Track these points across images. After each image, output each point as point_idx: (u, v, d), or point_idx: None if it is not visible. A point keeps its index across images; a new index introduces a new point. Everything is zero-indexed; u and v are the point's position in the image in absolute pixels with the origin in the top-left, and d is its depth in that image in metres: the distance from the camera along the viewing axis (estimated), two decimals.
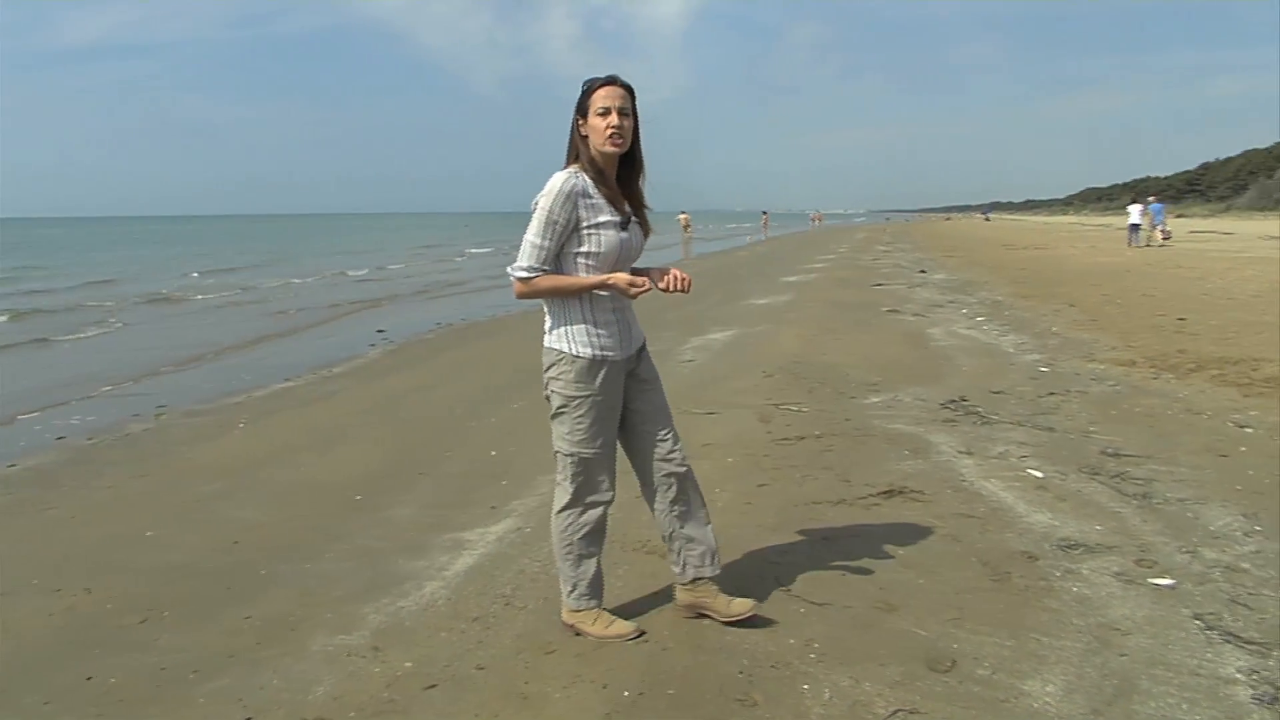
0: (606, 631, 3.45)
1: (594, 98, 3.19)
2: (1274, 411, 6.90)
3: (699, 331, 12.17)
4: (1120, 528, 4.53)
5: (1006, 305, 14.34)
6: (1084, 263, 24.74)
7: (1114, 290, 16.50)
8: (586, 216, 3.22)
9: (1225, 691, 3.05)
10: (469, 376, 9.31)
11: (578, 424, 3.36)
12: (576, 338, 3.32)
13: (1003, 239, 44.61)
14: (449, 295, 20.51)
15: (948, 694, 3.04)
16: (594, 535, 3.49)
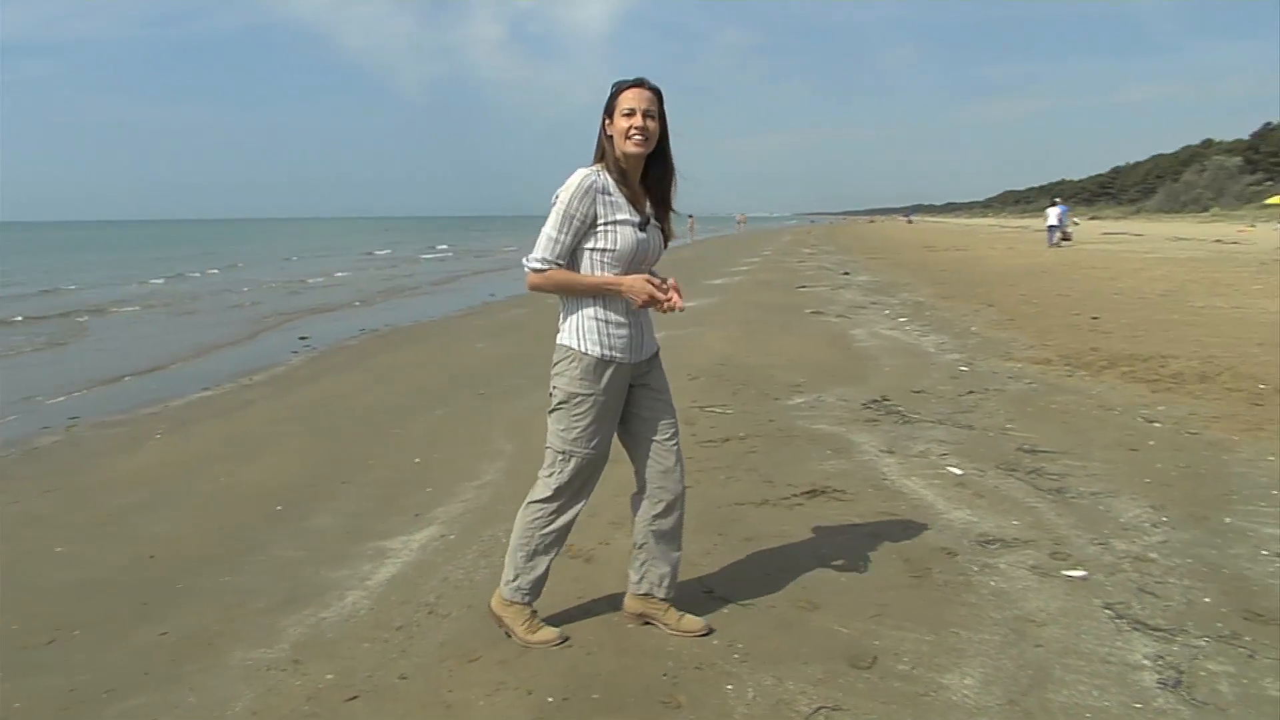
0: (531, 636, 3.43)
1: (620, 99, 3.18)
2: (1180, 406, 7.13)
3: None
4: (1036, 522, 4.65)
5: (928, 306, 14.61)
6: (1002, 264, 25.31)
7: (1031, 290, 16.91)
8: (604, 213, 3.19)
9: (1133, 677, 3.15)
10: (393, 383, 9.20)
11: (575, 421, 3.32)
12: (587, 335, 3.27)
13: (924, 241, 45.43)
14: (374, 301, 20.25)
15: (869, 690, 3.09)
16: (558, 536, 3.46)
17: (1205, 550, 4.25)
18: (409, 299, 20.44)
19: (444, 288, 24.10)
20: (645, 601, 3.55)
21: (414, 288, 24.13)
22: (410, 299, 20.40)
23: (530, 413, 7.41)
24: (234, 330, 14.98)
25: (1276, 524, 4.57)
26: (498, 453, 6.24)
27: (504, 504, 5.08)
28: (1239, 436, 6.21)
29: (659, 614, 3.52)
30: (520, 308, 16.73)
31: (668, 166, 3.34)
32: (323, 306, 18.73)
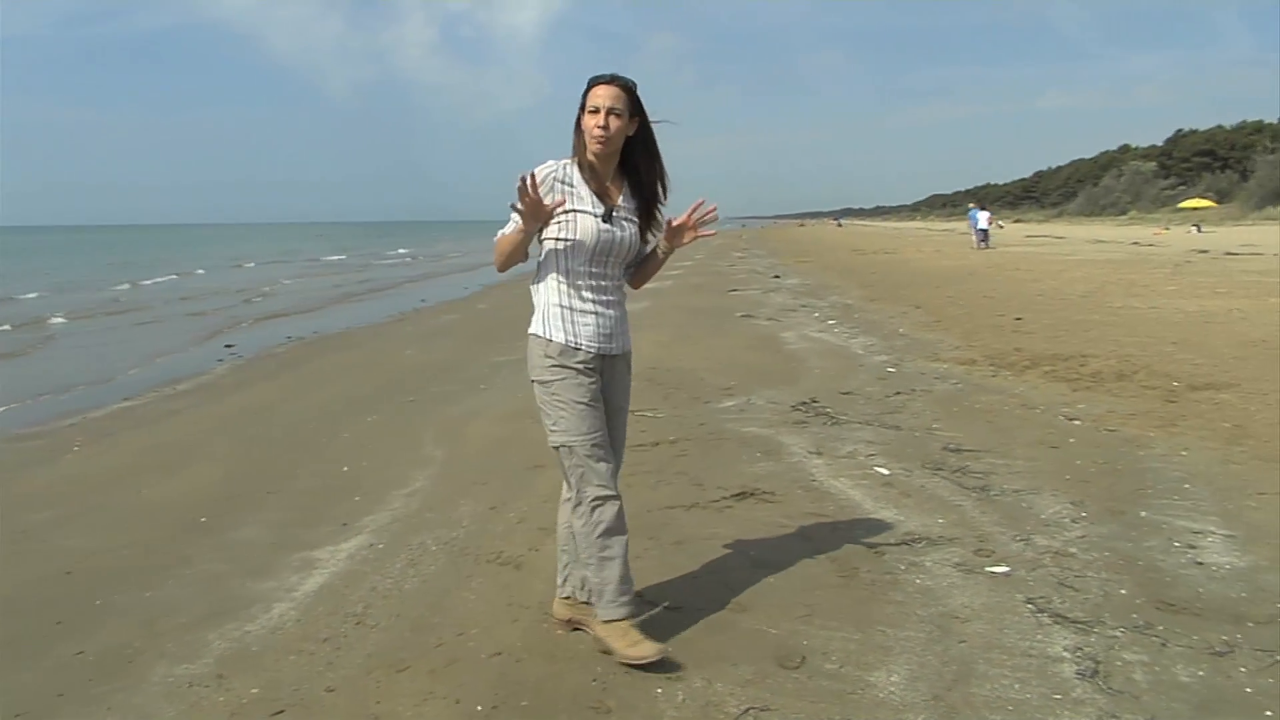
0: (630, 650, 3.23)
1: (590, 95, 3.18)
2: (1099, 404, 7.32)
3: None
4: (960, 520, 4.74)
5: (856, 308, 14.81)
6: (930, 266, 25.74)
7: (957, 292, 17.22)
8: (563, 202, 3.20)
9: (1053, 669, 3.22)
10: (321, 391, 9.08)
11: (560, 410, 3.24)
12: (551, 322, 3.27)
13: (854, 244, 46.02)
14: (304, 309, 19.95)
15: (797, 690, 3.12)
16: (612, 532, 3.27)
17: (1122, 544, 4.37)
18: (339, 306, 20.17)
19: (375, 294, 23.83)
20: (574, 608, 3.54)
21: (349, 294, 23.82)
22: (340, 306, 20.14)
23: (461, 418, 7.38)
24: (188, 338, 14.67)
25: (1188, 517, 4.72)
26: (428, 460, 6.19)
27: (433, 511, 5.05)
28: (1154, 433, 6.39)
29: (588, 619, 3.48)
30: (451, 314, 16.63)
31: (651, 159, 3.32)
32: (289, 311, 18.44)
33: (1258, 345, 9.95)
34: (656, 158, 3.34)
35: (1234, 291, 15.94)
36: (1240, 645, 3.37)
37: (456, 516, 4.96)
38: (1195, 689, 3.09)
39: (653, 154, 3.33)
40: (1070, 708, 2.98)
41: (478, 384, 8.99)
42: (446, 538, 4.63)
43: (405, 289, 24.85)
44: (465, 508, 5.11)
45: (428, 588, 4.03)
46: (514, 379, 9.23)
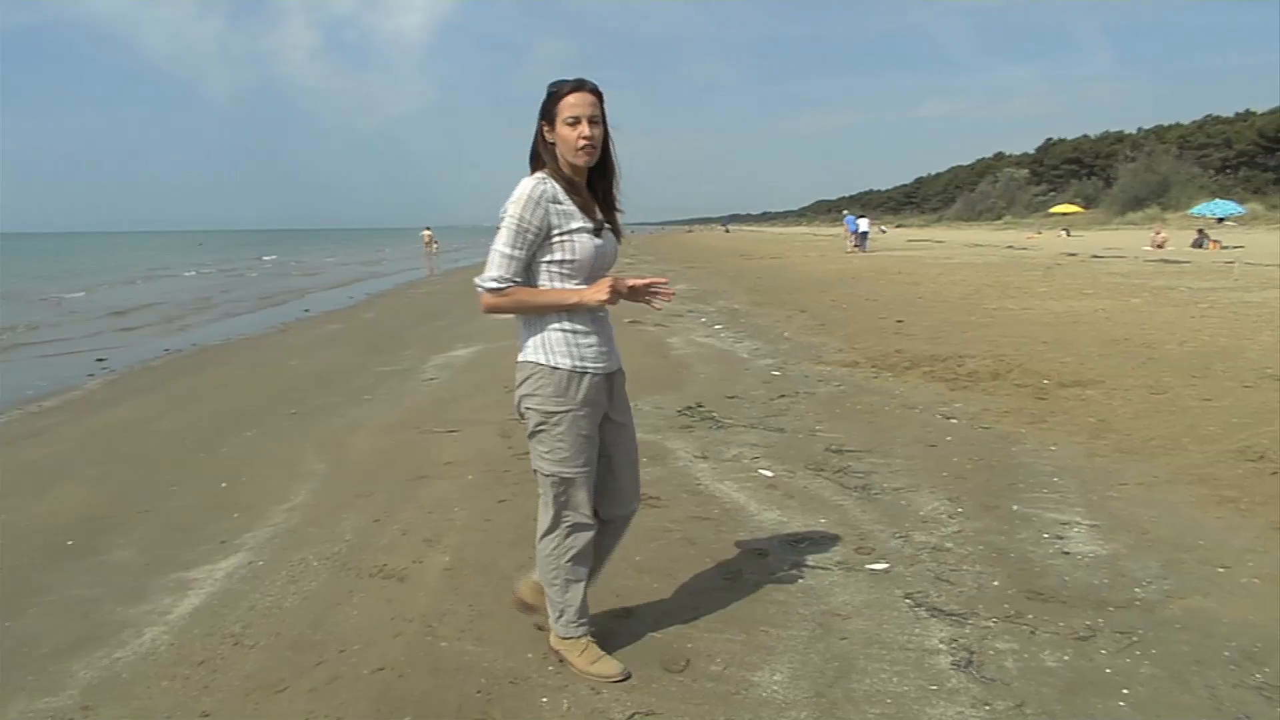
0: (590, 668, 3.25)
1: (561, 106, 3.00)
2: (975, 403, 7.57)
3: (442, 349, 12.06)
4: (842, 519, 4.84)
5: (743, 313, 15.00)
6: (815, 271, 26.23)
7: (841, 296, 17.60)
8: (558, 223, 3.03)
9: (929, 661, 3.32)
10: (199, 405, 8.78)
11: (559, 442, 3.13)
12: (554, 348, 3.10)
13: (740, 249, 46.63)
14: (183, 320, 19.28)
15: (682, 693, 3.15)
16: (580, 557, 3.26)
17: (995, 537, 4.53)
18: (219, 317, 19.55)
19: (257, 304, 23.16)
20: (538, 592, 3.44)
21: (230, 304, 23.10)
22: (220, 317, 19.52)
23: (345, 430, 7.24)
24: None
25: (1056, 509, 4.91)
26: (310, 474, 6.06)
27: (315, 526, 4.94)
28: (1025, 429, 6.63)
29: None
30: (335, 323, 16.30)
31: (609, 166, 3.18)
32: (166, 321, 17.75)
33: (1120, 343, 10.43)
34: (614, 163, 3.20)
35: (1099, 293, 16.66)
36: (1102, 629, 3.53)
37: (339, 530, 4.86)
38: (1061, 673, 3.22)
39: (610, 163, 3.19)
40: (945, 698, 3.08)
41: (362, 395, 8.83)
42: (328, 552, 4.53)
43: (289, 298, 24.23)
44: (348, 521, 5.01)
45: (309, 604, 3.94)
46: (399, 389, 9.11)
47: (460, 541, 4.62)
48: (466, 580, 4.12)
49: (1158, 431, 6.43)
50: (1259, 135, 72.65)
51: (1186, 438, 6.25)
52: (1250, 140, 73.13)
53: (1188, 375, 8.36)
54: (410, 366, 10.56)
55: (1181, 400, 7.39)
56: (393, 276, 32.31)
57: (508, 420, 7.23)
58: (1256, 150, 72.26)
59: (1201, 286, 17.09)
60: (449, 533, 4.75)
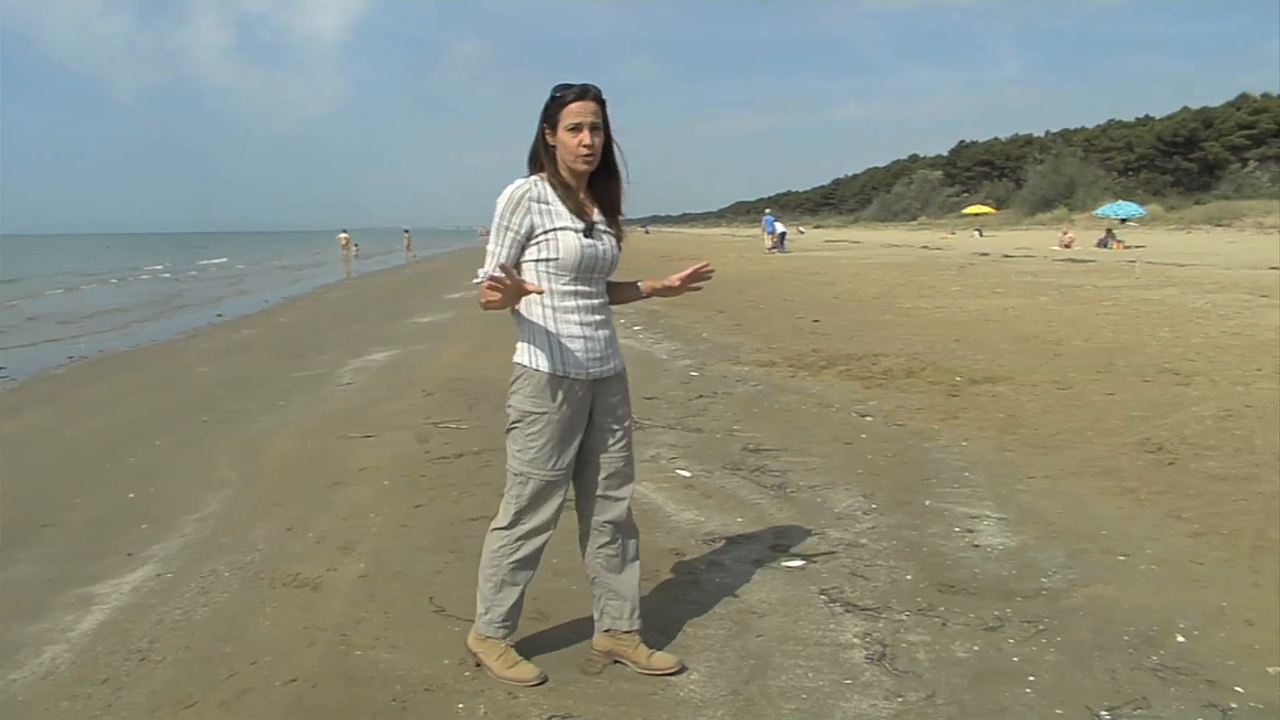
0: (506, 672, 3.22)
1: (565, 113, 3.00)
2: (889, 400, 7.71)
3: (359, 353, 11.87)
4: (759, 518, 4.89)
5: (661, 314, 15.04)
6: (733, 271, 26.40)
7: (758, 296, 17.77)
8: (541, 222, 3.04)
9: (844, 656, 3.38)
10: (106, 414, 8.52)
11: (530, 441, 3.13)
12: (538, 351, 3.11)
13: (660, 250, 46.75)
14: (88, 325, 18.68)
15: (599, 695, 3.15)
16: (525, 563, 3.25)
17: (908, 532, 4.62)
18: (128, 322, 18.99)
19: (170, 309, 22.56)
20: (613, 639, 3.37)
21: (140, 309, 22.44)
22: (129, 322, 18.97)
23: (259, 437, 7.09)
24: None
25: (967, 503, 5.03)
26: (222, 482, 5.92)
27: (227, 536, 4.83)
28: (938, 425, 6.78)
29: (628, 652, 3.33)
30: (249, 328, 15.97)
31: (613, 171, 3.19)
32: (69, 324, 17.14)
33: (1029, 340, 10.71)
34: (617, 168, 3.21)
35: (1010, 291, 17.10)
36: (1010, 619, 3.63)
37: (251, 540, 4.76)
38: (970, 663, 3.30)
39: (614, 165, 3.20)
40: (859, 691, 3.13)
41: (276, 401, 8.66)
42: (240, 562, 4.43)
43: (201, 303, 23.66)
44: (261, 530, 4.91)
45: (219, 616, 3.85)
46: (315, 394, 8.96)
47: (376, 548, 4.56)
48: (382, 587, 4.07)
49: (1064, 426, 6.62)
50: (1158, 139, 75.26)
51: (1090, 431, 6.44)
52: (1150, 144, 75.71)
53: (1092, 371, 8.63)
54: (326, 371, 10.39)
55: (1086, 395, 7.62)
56: (309, 280, 31.74)
57: (425, 424, 7.18)
58: (1156, 154, 74.85)
59: (1105, 285, 17.65)
60: (364, 539, 4.69)
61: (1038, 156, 78.85)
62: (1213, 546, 4.32)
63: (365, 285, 27.92)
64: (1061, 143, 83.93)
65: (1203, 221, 45.65)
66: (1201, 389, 7.67)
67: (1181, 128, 73.91)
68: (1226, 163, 64.03)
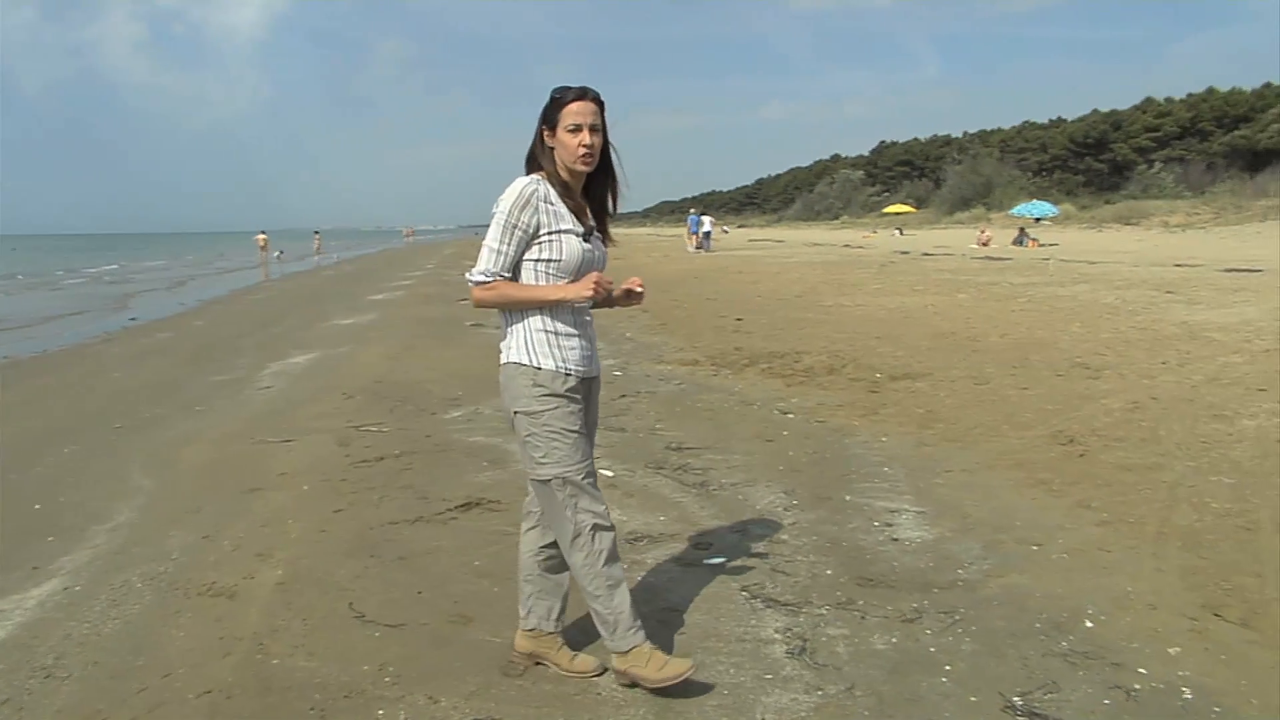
0: (661, 674, 3.06)
1: (564, 113, 2.99)
2: (811, 398, 7.80)
3: (279, 356, 11.64)
4: (681, 516, 4.91)
5: None
6: (657, 271, 26.47)
7: (682, 295, 17.84)
8: (547, 222, 3.01)
9: (765, 651, 3.40)
10: (10, 422, 8.22)
11: (552, 441, 3.02)
12: (538, 348, 3.04)
13: None
14: None
15: (522, 697, 3.13)
16: (613, 556, 3.11)
17: (828, 527, 4.68)
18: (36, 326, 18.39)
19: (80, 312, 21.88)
20: (535, 640, 3.32)
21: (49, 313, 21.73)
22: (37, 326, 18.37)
23: (174, 444, 6.92)
24: None
25: (886, 497, 5.11)
26: (135, 490, 5.75)
27: (140, 546, 4.71)
28: (858, 421, 6.87)
29: (549, 654, 3.30)
30: (165, 331, 15.57)
31: (610, 174, 3.18)
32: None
33: (947, 337, 10.93)
34: (614, 170, 3.20)
35: (929, 289, 17.42)
36: (927, 610, 3.69)
37: (166, 549, 4.64)
38: (889, 655, 3.36)
39: (610, 169, 3.19)
40: (780, 685, 3.16)
41: (193, 406, 8.46)
42: (153, 573, 4.32)
43: (115, 306, 23.01)
44: (176, 539, 4.78)
45: (130, 629, 3.75)
46: (233, 398, 8.77)
47: (294, 554, 4.48)
48: (300, 594, 4.00)
49: (980, 420, 6.77)
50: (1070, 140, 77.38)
51: (1005, 425, 6.59)
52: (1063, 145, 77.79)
53: (1008, 366, 8.83)
54: (245, 375, 10.18)
55: (1002, 390, 7.79)
56: (228, 282, 31.05)
57: (346, 427, 7.07)
58: (1068, 155, 76.94)
59: (1021, 282, 18.07)
60: (282, 546, 4.60)
61: (956, 157, 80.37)
62: (1120, 534, 4.46)
63: (285, 287, 27.43)
64: (979, 143, 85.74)
65: (1113, 220, 46.90)
66: (1111, 382, 7.90)
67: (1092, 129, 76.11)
68: (1134, 164, 65.92)
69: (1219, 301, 13.42)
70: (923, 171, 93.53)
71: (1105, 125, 75.21)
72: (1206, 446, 5.84)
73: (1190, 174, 57.90)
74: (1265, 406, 6.82)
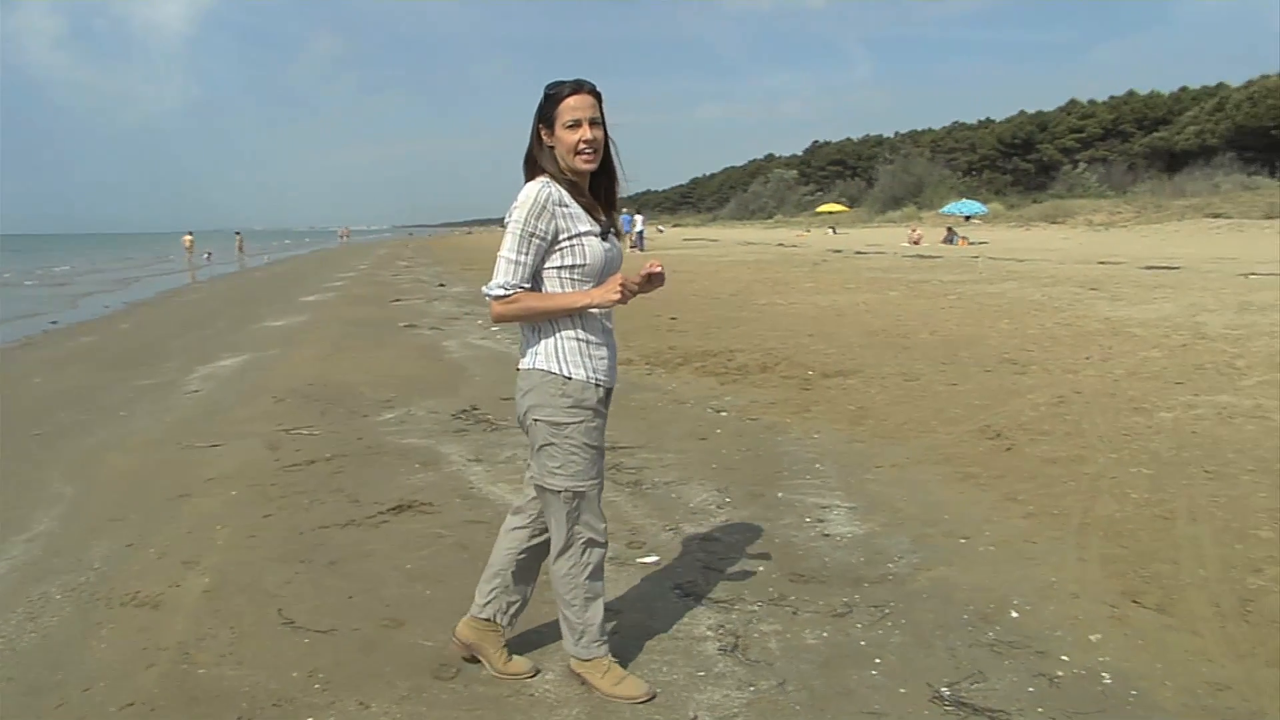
0: (615, 689, 3.08)
1: (561, 108, 2.86)
2: (744, 396, 7.85)
3: (207, 359, 11.41)
4: (614, 515, 4.88)
5: None
6: None
7: None
8: (566, 227, 2.88)
9: (698, 649, 3.42)
10: None
11: (572, 455, 2.94)
12: (569, 356, 2.93)
13: None
14: None
15: (454, 700, 3.11)
16: (598, 572, 3.11)
17: (760, 524, 4.72)
18: None
19: None
20: (478, 630, 3.26)
21: None
22: None
23: (97, 450, 6.74)
24: None
25: (818, 494, 5.17)
26: (56, 498, 5.59)
27: (59, 556, 4.57)
28: (790, 419, 6.94)
29: (486, 649, 3.25)
30: (88, 335, 15.18)
31: (611, 167, 3.07)
32: None
33: (878, 334, 11.08)
34: (614, 165, 3.09)
35: (861, 287, 17.65)
36: (858, 605, 3.74)
37: (87, 559, 4.51)
38: (820, 649, 3.39)
39: (612, 165, 3.08)
40: (713, 682, 3.17)
41: (118, 411, 8.26)
42: (74, 583, 4.20)
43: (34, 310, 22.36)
44: (98, 548, 4.66)
45: (48, 643, 3.64)
46: (160, 403, 8.57)
47: (222, 561, 4.39)
48: (228, 601, 3.92)
49: (910, 416, 6.87)
50: (998, 141, 79.08)
51: (935, 420, 6.70)
52: (991, 146, 79.48)
53: (937, 362, 8.98)
54: (172, 379, 9.96)
55: (931, 386, 7.92)
56: (154, 283, 30.38)
57: (276, 431, 6.96)
58: (997, 155, 78.64)
59: (950, 279, 18.39)
60: (210, 553, 4.51)
61: (888, 156, 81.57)
62: (1045, 526, 4.56)
63: (215, 289, 26.93)
64: (910, 143, 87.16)
65: (1039, 219, 47.93)
66: (1037, 377, 8.07)
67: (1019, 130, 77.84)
68: (1060, 164, 67.51)
69: (1140, 298, 13.79)
70: (855, 171, 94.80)
71: (1032, 126, 76.98)
72: (1127, 439, 6.00)
73: (1113, 174, 59.48)
74: (1182, 399, 7.03)
